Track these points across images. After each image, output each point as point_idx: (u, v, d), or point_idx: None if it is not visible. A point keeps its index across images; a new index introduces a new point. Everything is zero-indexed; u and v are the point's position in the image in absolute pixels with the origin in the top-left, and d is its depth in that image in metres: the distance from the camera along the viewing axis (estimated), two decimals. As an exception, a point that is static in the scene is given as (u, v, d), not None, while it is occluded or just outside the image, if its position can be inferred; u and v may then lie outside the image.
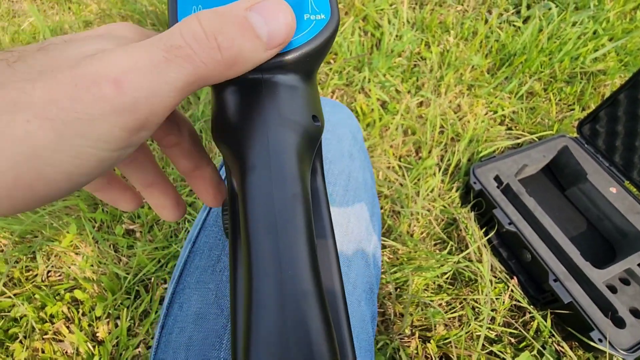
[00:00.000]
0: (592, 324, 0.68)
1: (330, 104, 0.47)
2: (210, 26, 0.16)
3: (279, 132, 0.19)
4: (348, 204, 0.38)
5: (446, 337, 0.75)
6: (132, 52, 0.15)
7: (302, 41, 0.21)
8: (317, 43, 0.21)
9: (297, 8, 0.22)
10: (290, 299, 0.16)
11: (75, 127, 0.14)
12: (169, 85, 0.15)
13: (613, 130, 0.88)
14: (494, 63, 1.18)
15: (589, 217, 0.90)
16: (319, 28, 0.21)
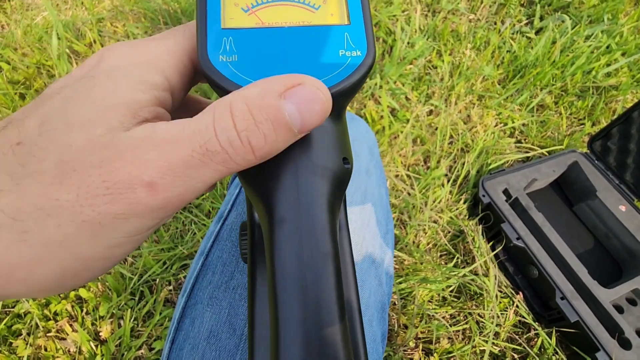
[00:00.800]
0: (598, 345, 0.68)
1: (348, 117, 0.47)
2: (243, 125, 0.15)
3: (310, 181, 0.18)
4: (364, 222, 0.38)
5: (450, 351, 0.74)
6: (166, 151, 0.15)
7: (336, 80, 0.20)
8: (352, 82, 0.20)
9: (332, 43, 0.21)
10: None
11: (112, 225, 0.15)
12: (202, 183, 0.16)
13: (625, 147, 0.88)
14: (505, 74, 1.18)
15: (597, 234, 0.89)
16: (354, 66, 0.20)
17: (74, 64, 1.06)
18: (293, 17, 0.22)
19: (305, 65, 0.20)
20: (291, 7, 0.22)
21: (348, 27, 0.21)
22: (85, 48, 1.11)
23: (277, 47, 0.21)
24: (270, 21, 0.21)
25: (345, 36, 0.21)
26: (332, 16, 0.22)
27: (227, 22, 0.21)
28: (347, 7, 0.22)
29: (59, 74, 1.04)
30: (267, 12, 0.22)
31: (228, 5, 0.21)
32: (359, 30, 0.22)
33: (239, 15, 0.21)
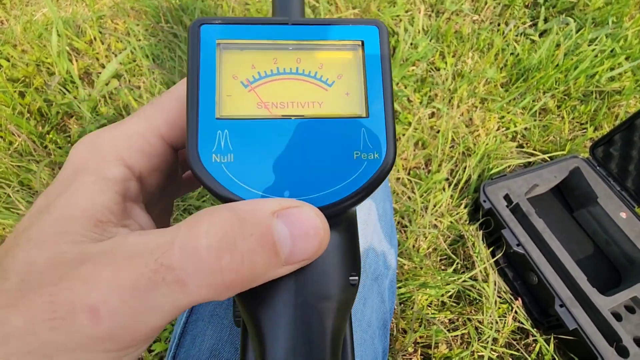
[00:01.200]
0: (596, 353, 0.68)
1: None
2: (216, 236, 0.13)
3: (311, 319, 0.16)
4: (367, 238, 0.38)
5: (448, 356, 0.75)
6: (118, 268, 0.13)
7: (348, 191, 0.17)
8: (366, 192, 0.17)
9: (346, 142, 0.18)
10: None
11: (58, 357, 0.13)
12: (154, 310, 0.13)
13: (627, 154, 0.87)
14: (509, 77, 1.17)
15: (597, 240, 0.89)
16: (369, 172, 0.17)
17: (74, 62, 1.05)
18: (302, 96, 0.18)
19: (314, 171, 0.17)
20: (300, 82, 0.19)
21: (366, 122, 0.18)
22: (86, 45, 1.10)
23: (282, 147, 0.17)
24: (275, 101, 0.18)
25: (362, 134, 0.18)
26: (347, 97, 0.19)
27: (224, 105, 0.18)
28: (366, 92, 0.19)
29: (58, 72, 1.03)
30: (271, 89, 0.18)
31: (225, 78, 0.18)
32: (378, 126, 0.18)
33: (238, 92, 0.18)
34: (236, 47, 0.19)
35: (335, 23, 0.19)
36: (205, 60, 0.18)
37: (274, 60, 0.19)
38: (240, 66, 0.19)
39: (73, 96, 0.99)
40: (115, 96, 1.01)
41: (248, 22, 0.19)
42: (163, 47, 1.09)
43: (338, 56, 0.19)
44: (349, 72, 0.19)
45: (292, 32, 0.19)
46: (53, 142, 0.95)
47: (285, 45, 0.19)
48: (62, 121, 1.00)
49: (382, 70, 0.19)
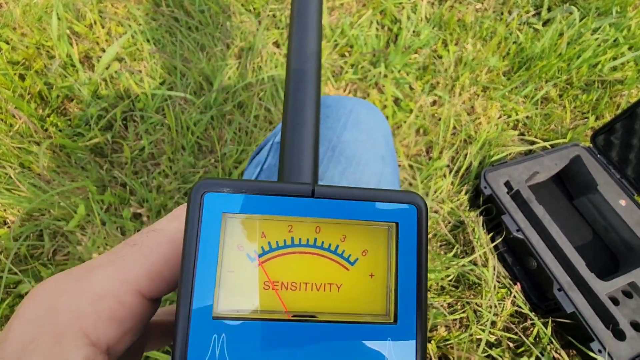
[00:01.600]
0: (592, 335, 0.69)
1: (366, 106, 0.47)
2: None
3: None
4: None
5: (447, 339, 0.76)
6: None
7: None
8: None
9: (367, 358, 0.15)
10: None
11: None
12: None
13: (628, 142, 0.88)
14: (511, 66, 1.17)
15: (596, 227, 0.90)
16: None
17: (75, 45, 1.04)
18: (318, 275, 0.16)
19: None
20: (318, 257, 0.16)
21: (393, 331, 0.15)
22: (86, 29, 1.09)
23: (289, 357, 0.15)
24: (286, 280, 0.15)
25: (387, 347, 0.15)
26: (371, 279, 0.16)
27: (224, 296, 0.15)
28: (396, 288, 0.16)
29: (58, 55, 1.02)
30: (282, 265, 0.16)
31: (228, 248, 0.15)
32: (407, 337, 0.15)
33: (242, 267, 0.15)
34: (246, 216, 0.16)
35: (366, 198, 0.16)
36: (207, 238, 0.15)
37: (288, 228, 0.16)
38: (247, 234, 0.16)
39: (74, 79, 0.98)
40: (116, 80, 1.01)
41: (261, 192, 0.16)
42: (164, 32, 1.08)
43: (365, 229, 0.17)
44: (375, 249, 0.16)
45: (314, 208, 0.16)
46: (54, 124, 0.94)
47: (302, 220, 0.16)
48: (63, 104, 0.99)
49: (417, 262, 0.16)
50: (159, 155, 0.93)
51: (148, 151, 0.92)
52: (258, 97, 0.96)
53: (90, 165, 0.88)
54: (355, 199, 0.16)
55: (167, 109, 0.92)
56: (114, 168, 0.91)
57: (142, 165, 0.92)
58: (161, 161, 0.91)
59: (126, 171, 0.89)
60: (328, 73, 1.07)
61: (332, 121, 0.42)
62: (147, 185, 0.89)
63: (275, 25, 1.16)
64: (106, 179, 0.88)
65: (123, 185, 0.89)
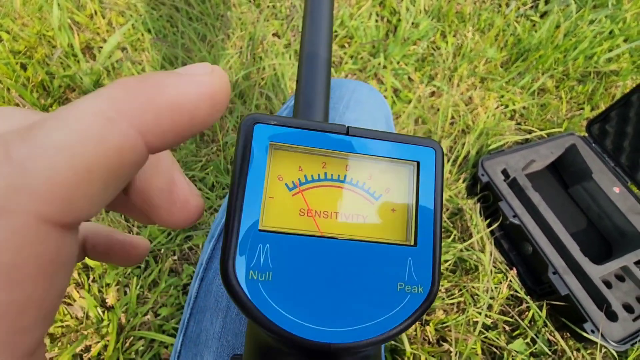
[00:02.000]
0: (586, 316, 0.71)
1: (367, 87, 0.48)
2: None
3: None
4: None
5: (444, 322, 0.78)
6: None
7: (390, 326, 0.16)
8: (407, 325, 0.17)
9: (391, 272, 0.17)
10: None
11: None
12: None
13: (622, 131, 0.90)
14: (508, 57, 1.18)
15: (590, 215, 0.92)
16: (412, 307, 0.17)
17: (76, 35, 1.05)
18: (347, 207, 0.18)
19: (354, 301, 0.17)
20: (347, 191, 0.18)
21: (413, 252, 0.17)
22: (87, 19, 1.09)
23: (324, 270, 0.17)
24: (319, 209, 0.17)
25: (409, 264, 0.17)
26: (392, 213, 0.18)
27: (267, 213, 0.17)
28: (416, 217, 0.18)
29: (60, 45, 1.03)
30: (316, 195, 0.18)
31: (270, 178, 0.17)
32: (426, 258, 0.17)
33: (281, 194, 0.17)
34: (287, 148, 0.18)
35: (392, 139, 0.18)
36: (256, 163, 0.17)
37: (322, 165, 0.18)
38: (286, 167, 0.18)
39: (76, 69, 0.99)
40: (118, 70, 1.02)
41: (304, 127, 0.18)
42: (165, 22, 1.09)
43: (388, 169, 0.19)
44: (398, 188, 0.19)
45: (347, 144, 0.18)
46: (56, 114, 0.95)
47: (337, 153, 0.18)
48: (65, 94, 1.00)
49: (434, 197, 0.18)
50: (161, 144, 0.94)
51: (150, 140, 0.93)
52: (259, 87, 0.97)
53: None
54: (383, 139, 0.18)
55: (169, 98, 0.93)
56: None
57: (144, 153, 0.93)
58: (163, 150, 0.92)
59: (129, 159, 0.90)
60: (328, 63, 1.08)
61: (335, 101, 0.43)
62: (149, 174, 0.90)
63: (275, 16, 1.17)
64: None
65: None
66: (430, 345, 0.76)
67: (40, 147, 0.10)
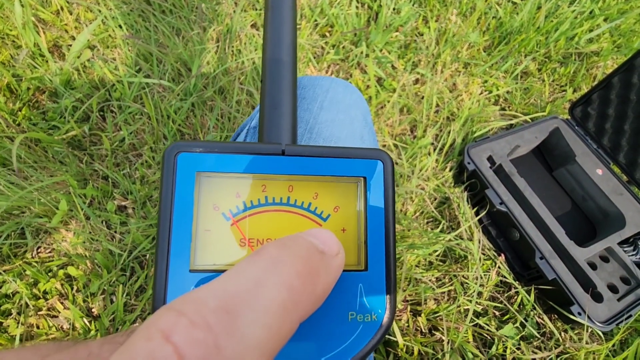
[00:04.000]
0: (573, 299, 0.73)
1: (343, 84, 0.46)
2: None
3: None
4: None
5: (436, 311, 0.78)
6: None
7: (344, 357, 0.15)
8: (362, 355, 0.15)
9: (341, 302, 0.16)
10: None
11: None
12: None
13: (604, 113, 0.90)
14: (491, 41, 1.17)
15: (574, 197, 0.93)
16: (366, 337, 0.16)
17: (42, 34, 0.99)
18: (292, 232, 0.16)
19: (304, 335, 0.15)
20: (292, 215, 0.16)
21: (364, 277, 0.16)
22: (53, 16, 1.03)
23: None
24: (261, 237, 0.16)
25: (359, 290, 0.16)
26: (343, 234, 0.17)
27: (201, 250, 0.15)
28: (366, 238, 0.17)
29: (25, 45, 0.97)
30: (257, 222, 0.16)
31: (204, 209, 0.16)
32: (378, 282, 0.16)
33: (218, 226, 0.16)
34: (219, 175, 0.16)
35: (334, 155, 0.17)
36: (182, 196, 0.15)
37: (262, 188, 0.17)
38: (221, 195, 0.16)
39: (44, 70, 0.94)
40: (90, 69, 0.97)
41: (233, 151, 0.16)
42: (137, 16, 1.04)
43: (335, 186, 0.17)
44: (346, 206, 0.17)
45: (285, 165, 0.17)
46: (26, 118, 0.91)
47: (275, 177, 0.17)
48: (34, 97, 0.95)
49: (385, 212, 0.17)
50: (140, 146, 0.91)
51: (128, 142, 0.89)
52: (239, 82, 0.94)
53: (68, 158, 0.85)
54: (324, 156, 0.17)
55: (146, 98, 0.89)
56: (94, 161, 0.88)
57: (123, 156, 0.90)
58: (143, 151, 0.89)
59: (107, 163, 0.87)
60: (309, 54, 1.06)
61: (309, 102, 0.41)
62: (130, 177, 0.87)
63: (252, 6, 1.13)
64: (87, 172, 0.86)
65: (105, 178, 0.87)
66: (423, 335, 0.77)
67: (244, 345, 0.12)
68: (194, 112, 0.94)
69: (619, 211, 0.84)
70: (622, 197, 0.85)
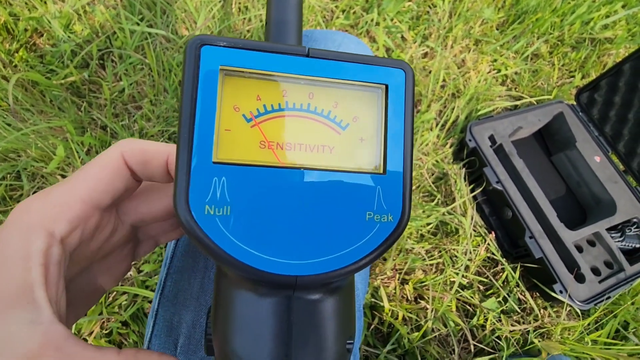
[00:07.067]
0: (556, 278, 0.75)
1: (355, 41, 0.45)
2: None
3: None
4: None
5: (423, 281, 0.81)
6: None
7: (358, 256, 0.16)
8: (377, 255, 0.16)
9: (359, 201, 0.16)
10: None
11: None
12: None
13: (610, 100, 0.90)
14: (505, 18, 1.14)
15: (569, 182, 0.94)
16: (381, 236, 0.16)
17: None
18: (311, 138, 0.16)
19: (321, 231, 0.16)
20: (311, 121, 0.16)
21: (382, 180, 0.17)
22: None
23: (286, 201, 0.15)
24: (281, 141, 0.16)
25: (377, 193, 0.16)
26: (360, 143, 0.17)
27: (222, 145, 0.15)
28: (385, 144, 0.17)
29: (23, -17, 0.93)
30: (277, 126, 0.16)
31: (225, 108, 0.16)
32: (395, 185, 0.17)
33: (239, 126, 0.16)
34: (241, 74, 0.16)
35: (358, 61, 0.17)
36: (205, 89, 0.15)
37: (283, 93, 0.16)
38: (243, 96, 0.16)
39: (43, 10, 0.90)
40: (90, 14, 0.93)
41: (259, 49, 0.16)
42: (141, -38, 0.99)
43: (355, 95, 0.17)
44: (366, 115, 0.17)
45: (308, 66, 0.16)
46: (23, 60, 0.88)
47: (298, 79, 0.16)
48: (32, 39, 0.92)
49: (404, 121, 0.17)
50: (140, 98, 0.89)
51: (128, 93, 0.88)
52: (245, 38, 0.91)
53: (67, 103, 0.83)
54: (348, 60, 0.17)
55: (148, 48, 0.87)
56: (92, 110, 0.87)
57: (122, 107, 0.88)
58: (143, 104, 0.88)
59: (106, 113, 0.86)
60: (318, 17, 1.02)
61: None
62: (128, 129, 0.86)
63: (262, -39, 1.08)
64: (85, 120, 0.85)
65: (103, 128, 0.86)
66: (408, 302, 0.80)
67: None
68: (196, 68, 0.91)
69: (612, 199, 0.85)
70: (616, 185, 0.87)
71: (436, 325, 0.75)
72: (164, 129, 0.86)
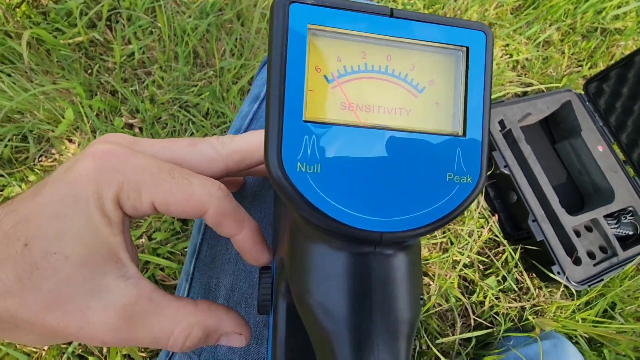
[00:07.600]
0: (555, 260, 0.79)
1: None
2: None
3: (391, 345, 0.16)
4: None
5: (427, 258, 0.83)
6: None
7: (438, 215, 0.16)
8: (454, 216, 0.17)
9: (440, 162, 0.17)
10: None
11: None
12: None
13: (618, 91, 0.91)
14: (521, 2, 1.13)
15: (571, 170, 0.97)
16: (460, 197, 0.17)
17: None
18: (389, 100, 0.17)
19: (404, 190, 0.16)
20: (389, 84, 0.17)
21: (462, 142, 0.17)
22: None
23: (372, 161, 0.16)
24: (361, 103, 0.16)
25: (458, 154, 0.17)
26: (436, 107, 0.17)
27: (309, 105, 0.16)
28: (466, 107, 0.17)
29: None
30: (356, 88, 0.17)
31: (310, 68, 0.16)
32: (475, 147, 0.17)
33: (320, 87, 0.16)
34: (325, 33, 0.16)
35: (440, 22, 0.17)
36: (294, 48, 0.15)
37: (362, 54, 0.17)
38: (325, 56, 0.16)
39: (46, -37, 0.85)
40: (97, -30, 0.89)
41: (345, 7, 0.16)
42: None
43: (432, 59, 0.17)
44: (441, 79, 0.17)
45: (391, 26, 0.16)
46: (26, 16, 0.84)
47: (378, 40, 0.16)
48: (34, -6, 0.87)
49: (484, 85, 0.17)
50: (150, 64, 0.87)
51: (138, 57, 0.85)
52: (261, 7, 0.89)
53: (77, 64, 0.80)
54: (430, 21, 0.17)
55: (159, 10, 0.83)
56: (101, 73, 0.84)
57: (131, 72, 0.86)
58: (153, 70, 0.85)
59: (115, 77, 0.83)
60: (334, -11, 1.00)
61: None
62: (138, 95, 0.84)
63: None
64: (94, 83, 0.82)
65: (112, 93, 0.84)
66: (413, 278, 0.83)
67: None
68: (210, 33, 0.89)
69: (610, 187, 0.89)
70: (615, 175, 0.90)
71: (438, 299, 0.78)
72: (176, 97, 0.84)
